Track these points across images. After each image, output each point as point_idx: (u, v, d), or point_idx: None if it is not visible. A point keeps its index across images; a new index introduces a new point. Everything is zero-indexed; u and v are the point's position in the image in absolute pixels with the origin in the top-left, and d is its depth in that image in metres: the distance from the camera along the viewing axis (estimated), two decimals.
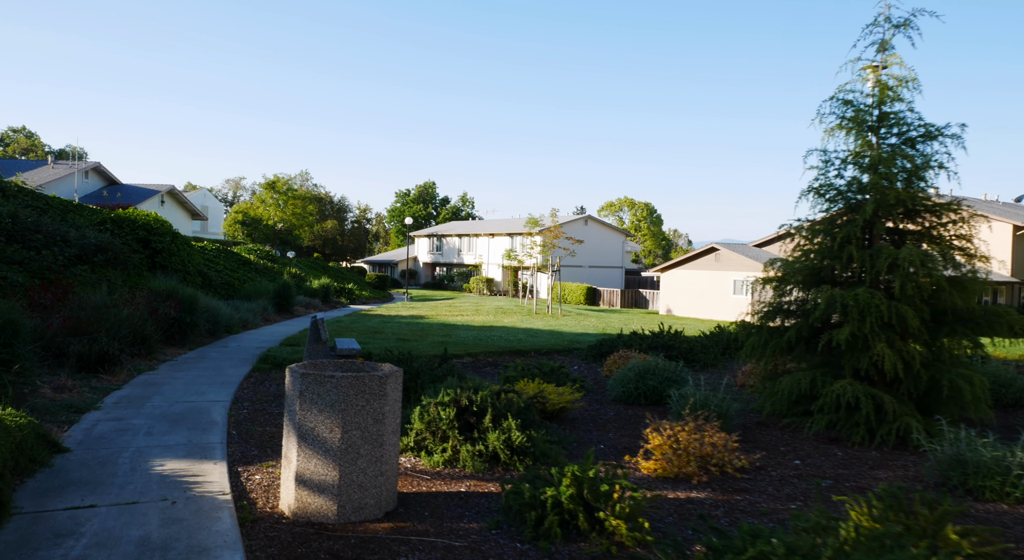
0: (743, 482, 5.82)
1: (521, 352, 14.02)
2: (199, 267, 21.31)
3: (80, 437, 6.54)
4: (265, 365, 11.24)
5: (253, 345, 13.91)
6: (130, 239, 18.33)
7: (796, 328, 8.01)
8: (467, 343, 15.08)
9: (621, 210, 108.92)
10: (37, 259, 14.13)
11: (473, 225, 68.20)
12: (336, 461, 4.72)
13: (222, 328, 15.35)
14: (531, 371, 9.86)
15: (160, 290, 13.17)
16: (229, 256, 27.14)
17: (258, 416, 7.84)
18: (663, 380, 9.09)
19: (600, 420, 8.23)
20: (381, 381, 4.86)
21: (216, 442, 6.61)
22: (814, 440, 7.29)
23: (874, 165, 7.71)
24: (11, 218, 15.10)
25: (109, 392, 8.61)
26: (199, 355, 12.22)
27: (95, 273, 15.50)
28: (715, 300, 38.95)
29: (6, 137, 76.79)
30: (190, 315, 13.19)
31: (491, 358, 13.17)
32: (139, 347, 11.10)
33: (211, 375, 10.26)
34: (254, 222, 57.09)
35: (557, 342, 15.81)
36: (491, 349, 14.03)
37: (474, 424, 6.42)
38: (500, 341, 15.82)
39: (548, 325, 21.66)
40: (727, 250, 39.38)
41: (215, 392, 9.01)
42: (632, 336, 13.49)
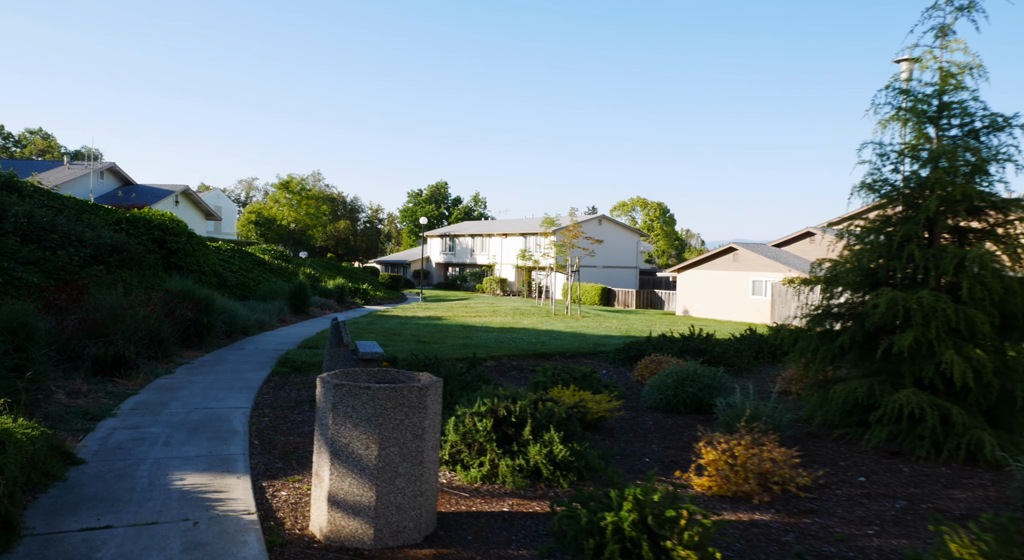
0: (808, 502, 5.36)
1: (545, 355, 13.59)
2: (214, 267, 21.03)
3: (96, 447, 6.18)
4: (284, 369, 10.88)
5: (270, 347, 13.56)
6: (145, 239, 18.07)
7: (849, 333, 7.53)
8: (489, 345, 14.67)
9: (634, 210, 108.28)
10: (52, 259, 13.86)
11: (486, 225, 67.83)
12: (372, 480, 4.31)
13: (239, 330, 15.02)
14: (562, 376, 9.43)
15: (176, 291, 12.85)
16: (244, 256, 26.88)
17: (280, 424, 7.45)
18: (703, 387, 8.63)
19: (640, 430, 7.79)
20: (421, 393, 4.45)
21: (238, 453, 6.23)
22: (874, 454, 6.81)
23: (935, 158, 7.22)
24: (27, 218, 14.85)
25: (125, 397, 8.26)
26: (216, 358, 11.88)
27: (110, 273, 15.22)
28: (733, 301, 38.38)
29: (23, 139, 77.19)
30: (207, 316, 12.85)
31: (515, 361, 12.75)
32: (155, 350, 10.77)
33: (229, 379, 9.90)
34: (268, 222, 56.96)
35: (581, 345, 15.37)
36: (514, 352, 13.61)
37: (512, 436, 6.00)
38: (522, 343, 15.39)
39: (569, 327, 21.21)
40: (745, 250, 38.80)
41: (234, 398, 8.64)
42: (661, 339, 13.02)
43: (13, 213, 14.53)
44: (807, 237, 40.40)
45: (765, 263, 37.22)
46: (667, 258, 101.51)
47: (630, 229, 61.51)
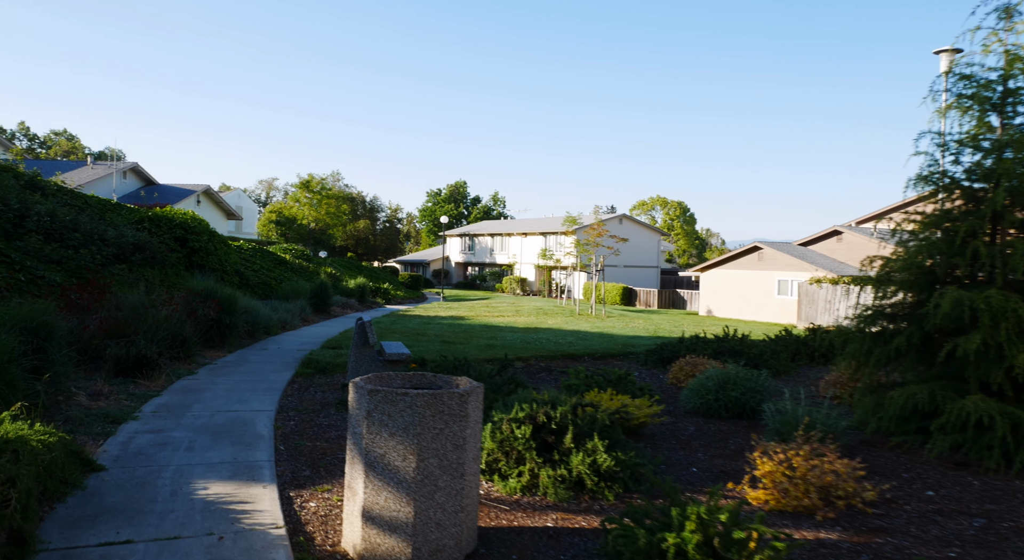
0: (876, 519, 4.95)
1: (573, 356, 13.22)
2: (236, 266, 20.90)
3: (116, 452, 5.91)
4: (308, 370, 10.61)
5: (293, 347, 13.32)
6: (167, 238, 17.94)
7: (906, 334, 7.09)
8: (515, 346, 14.32)
9: (654, 209, 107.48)
10: (75, 258, 13.73)
11: (506, 224, 67.51)
12: (410, 495, 3.98)
13: (261, 329, 14.81)
14: (595, 379, 9.05)
15: (199, 290, 12.64)
16: (265, 255, 26.76)
17: (306, 428, 7.15)
18: (746, 391, 8.21)
19: (681, 436, 7.39)
20: (462, 399, 4.11)
21: (263, 460, 5.93)
22: (937, 464, 6.37)
23: (1000, 148, 6.76)
24: (49, 217, 14.74)
25: (147, 399, 8.01)
26: (239, 358, 11.64)
27: (133, 272, 15.07)
28: (758, 300, 37.74)
29: (48, 140, 78.13)
30: (229, 316, 12.63)
31: (543, 363, 12.40)
32: (178, 350, 10.55)
33: (253, 381, 9.64)
34: (288, 222, 57.07)
35: (609, 346, 14.97)
36: (541, 353, 13.25)
37: (553, 444, 5.65)
38: (549, 344, 15.03)
39: (595, 327, 20.80)
40: (771, 249, 38.14)
41: (258, 400, 8.36)
42: (695, 340, 12.59)
43: (36, 212, 14.42)
44: (834, 236, 39.66)
45: (791, 262, 36.56)
46: (688, 257, 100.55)
47: (651, 228, 60.89)
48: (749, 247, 39.01)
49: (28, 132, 76.18)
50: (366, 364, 9.57)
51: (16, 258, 12.19)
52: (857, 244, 38.53)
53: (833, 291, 32.31)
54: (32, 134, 76.69)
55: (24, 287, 11.51)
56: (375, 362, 9.62)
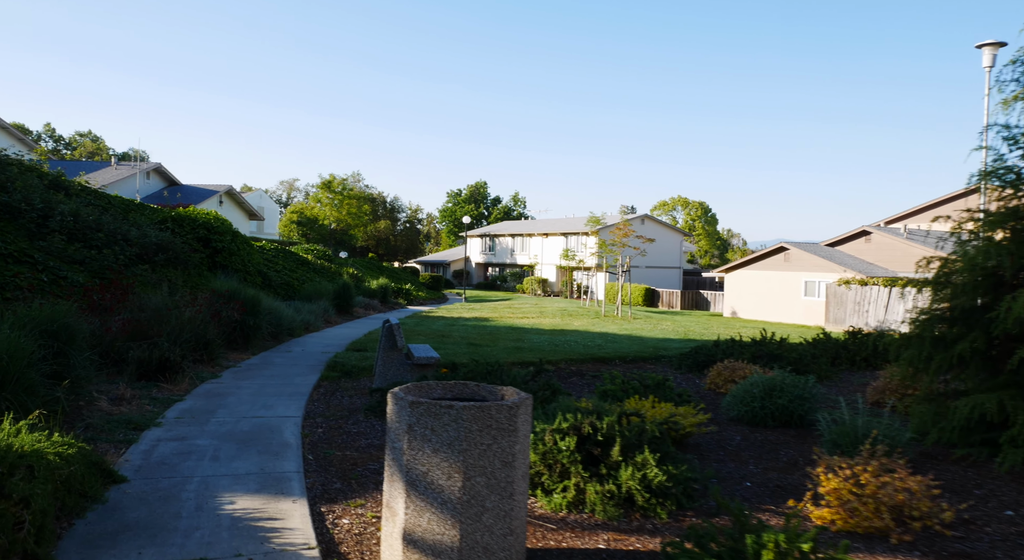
0: (956, 543, 4.53)
1: (604, 360, 12.83)
2: (259, 267, 20.75)
3: (138, 462, 5.64)
4: (334, 373, 10.33)
5: (318, 350, 13.07)
6: (190, 238, 17.81)
7: (970, 340, 6.64)
8: (543, 349, 13.96)
9: (675, 209, 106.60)
10: (98, 258, 13.59)
11: (526, 225, 67.16)
12: (456, 516, 3.64)
13: (284, 331, 14.59)
14: (632, 385, 8.67)
15: (222, 291, 12.42)
16: (288, 256, 26.64)
17: (334, 436, 6.85)
18: (794, 398, 7.79)
19: (728, 446, 7.00)
20: (511, 412, 3.77)
21: (292, 471, 5.63)
22: (1010, 480, 5.92)
23: None
24: (73, 217, 14.64)
25: (170, 404, 7.77)
26: (263, 361, 11.40)
27: (156, 273, 14.93)
28: (784, 302, 37.07)
29: (73, 141, 79.07)
30: (253, 318, 12.41)
31: (574, 367, 12.03)
32: (201, 352, 10.33)
33: (278, 384, 9.38)
34: (310, 222, 57.15)
35: (640, 349, 14.56)
36: (571, 356, 12.88)
37: (599, 457, 5.28)
38: (578, 347, 14.66)
39: (622, 329, 20.37)
40: (797, 249, 37.45)
41: (284, 405, 8.09)
42: (730, 343, 12.16)
43: (59, 211, 14.31)
44: (862, 236, 38.86)
45: (818, 263, 35.85)
46: (709, 258, 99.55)
47: (673, 229, 60.22)
48: (775, 248, 38.35)
49: (53, 133, 77.14)
50: (394, 368, 9.28)
51: (39, 258, 12.06)
52: (886, 244, 37.73)
53: (862, 292, 31.59)
54: (57, 135, 77.65)
55: (47, 287, 11.36)
56: (403, 366, 9.32)
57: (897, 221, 43.35)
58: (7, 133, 34.94)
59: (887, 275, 34.66)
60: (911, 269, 35.11)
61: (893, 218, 43.57)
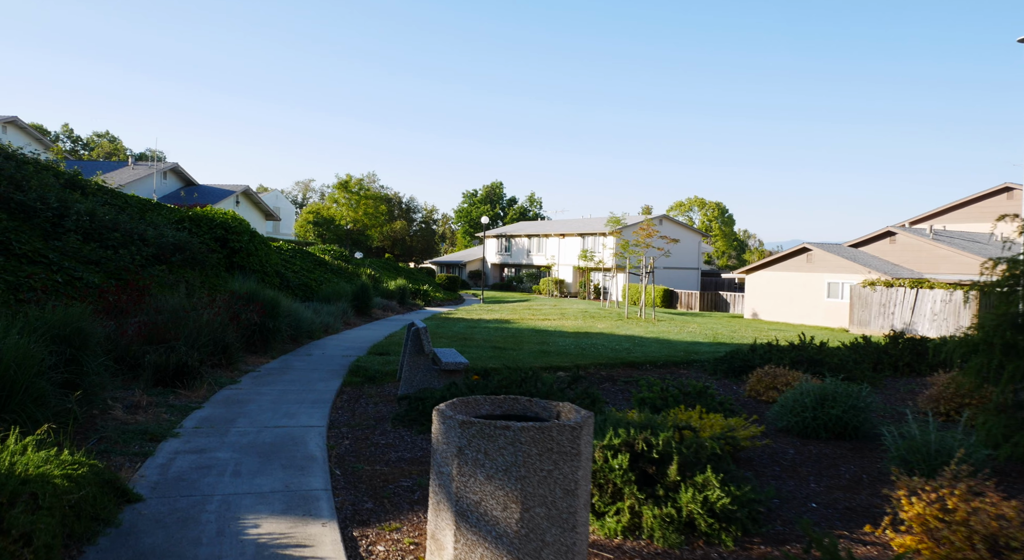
0: None
1: (634, 364, 12.35)
2: (276, 268, 20.44)
3: (155, 478, 5.25)
4: (356, 378, 9.93)
5: (338, 353, 12.69)
6: (208, 238, 17.52)
7: None
8: (570, 353, 13.51)
9: (691, 210, 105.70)
10: (114, 259, 13.30)
11: (543, 225, 66.68)
12: (513, 552, 3.20)
13: (303, 333, 14.23)
14: (671, 393, 8.21)
15: (241, 293, 12.07)
16: (305, 256, 26.35)
17: (362, 448, 6.44)
18: (848, 408, 7.29)
19: (783, 461, 6.51)
20: (574, 434, 3.32)
21: (319, 488, 5.22)
22: None
23: None
24: (89, 216, 14.37)
25: (188, 412, 7.39)
26: (283, 365, 11.03)
27: (173, 274, 14.63)
28: (806, 303, 36.37)
29: (91, 142, 79.54)
30: (273, 320, 12.04)
31: (604, 372, 11.56)
32: (219, 357, 9.97)
33: (299, 390, 8.99)
34: (327, 222, 56.97)
35: (670, 353, 14.06)
36: (600, 360, 12.41)
37: (654, 476, 4.83)
38: (605, 350, 14.18)
39: (648, 331, 19.85)
40: (820, 250, 36.74)
41: (307, 413, 7.69)
42: (767, 348, 11.64)
43: (75, 211, 14.05)
44: (887, 237, 38.06)
45: (841, 264, 35.14)
46: (727, 259, 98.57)
47: (692, 229, 59.53)
48: (797, 248, 37.67)
49: (71, 134, 77.62)
50: (420, 374, 8.86)
51: (54, 259, 11.77)
52: (911, 245, 36.95)
53: (888, 294, 30.90)
54: (75, 136, 78.12)
55: (61, 289, 11.06)
56: (430, 372, 8.91)
57: (922, 221, 42.51)
58: (25, 133, 34.98)
59: (913, 276, 33.91)
60: (938, 270, 34.34)
61: (919, 218, 42.72)
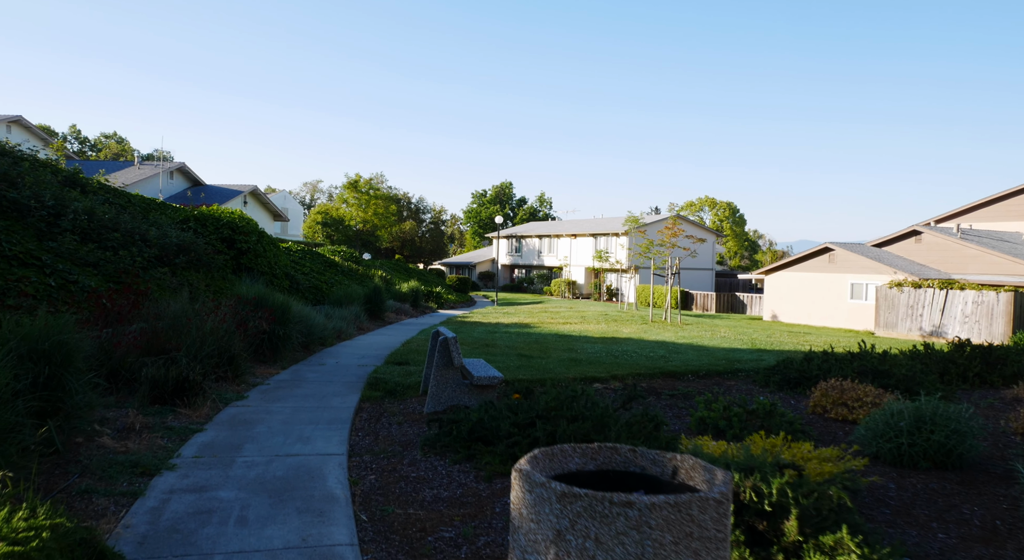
0: None
1: (674, 374, 11.34)
2: (286, 269, 19.51)
3: (143, 528, 4.29)
4: (376, 392, 8.96)
5: (353, 362, 11.72)
6: (214, 238, 16.61)
7: None
8: (602, 361, 12.50)
9: (701, 210, 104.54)
10: (113, 260, 12.39)
11: (554, 225, 65.65)
12: None
13: (315, 340, 13.27)
14: (734, 412, 7.22)
15: (249, 297, 11.12)
16: (315, 257, 25.42)
17: (390, 483, 5.46)
18: (951, 433, 6.28)
19: (888, 500, 5.49)
20: (719, 511, 2.34)
21: (344, 542, 4.24)
22: None
23: None
24: (87, 215, 13.48)
25: (188, 436, 6.44)
26: (294, 376, 10.07)
27: (176, 276, 13.71)
28: (828, 305, 35.28)
29: (98, 143, 79.01)
30: (283, 327, 11.09)
31: (644, 383, 10.55)
32: (225, 368, 9.02)
33: (313, 408, 8.03)
34: (336, 223, 56.06)
35: (711, 361, 13.02)
36: (637, 370, 11.40)
37: (764, 533, 3.84)
38: (639, 358, 13.16)
39: (678, 336, 18.76)
40: (843, 250, 35.63)
41: (324, 437, 6.72)
42: (824, 357, 10.60)
43: (73, 210, 13.15)
44: (912, 236, 36.91)
45: (865, 264, 34.03)
46: (739, 260, 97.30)
47: (706, 229, 58.37)
48: (819, 248, 36.58)
49: (79, 135, 77.11)
50: (449, 389, 7.89)
51: (47, 261, 10.86)
52: (938, 245, 35.81)
53: (916, 295, 29.82)
54: (83, 137, 77.60)
55: (54, 294, 10.16)
56: (459, 386, 7.93)
57: (946, 220, 41.27)
58: (29, 132, 34.24)
59: (940, 277, 32.79)
60: (966, 271, 33.20)
61: (944, 216, 41.48)
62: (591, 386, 10.01)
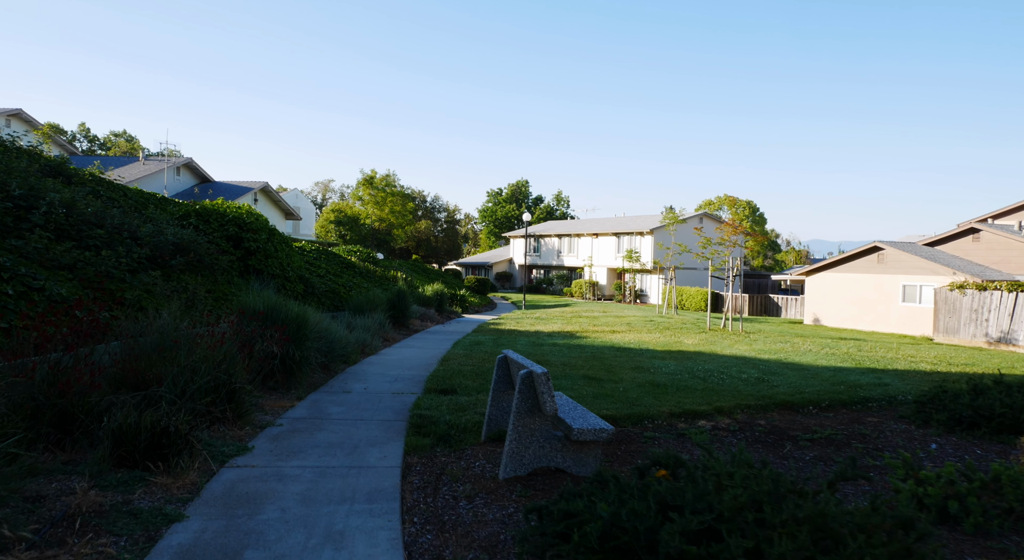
0: None
1: (791, 406, 8.97)
2: (300, 272, 17.27)
3: None
4: (424, 439, 6.66)
5: (385, 387, 9.45)
6: (218, 236, 14.42)
7: None
8: (689, 386, 10.16)
9: (721, 209, 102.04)
10: (94, 262, 10.20)
11: (574, 224, 63.29)
12: None
13: (337, 358, 11.02)
14: (962, 487, 4.90)
15: (257, 309, 8.86)
16: (331, 258, 23.20)
17: None
18: None
19: None
20: None
21: None
22: None
23: None
24: (66, 208, 11.30)
25: (158, 533, 4.18)
26: (314, 411, 7.80)
27: (170, 281, 11.51)
28: (877, 308, 32.83)
29: (108, 141, 77.39)
30: (299, 347, 8.82)
31: (760, 419, 8.19)
32: (223, 406, 6.77)
33: (344, 468, 5.75)
34: (351, 221, 53.85)
35: (821, 386, 10.58)
36: (742, 400, 9.05)
37: None
38: (733, 381, 10.78)
39: (758, 350, 16.09)
40: (893, 249, 33.12)
41: (364, 532, 4.42)
42: (997, 382, 8.22)
43: (47, 201, 10.98)
44: (969, 234, 34.38)
45: (918, 264, 31.51)
46: (761, 259, 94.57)
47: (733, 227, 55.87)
48: (867, 247, 34.13)
49: (88, 133, 75.48)
50: (535, 445, 5.59)
51: (6, 263, 8.66)
52: (999, 243, 33.25)
53: (981, 299, 27.34)
54: (92, 135, 75.98)
55: (11, 304, 7.96)
56: (549, 439, 5.63)
57: (1006, 214, 38.72)
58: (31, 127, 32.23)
59: (1005, 278, 30.29)
60: None
61: (1001, 211, 38.89)
62: (696, 424, 7.71)
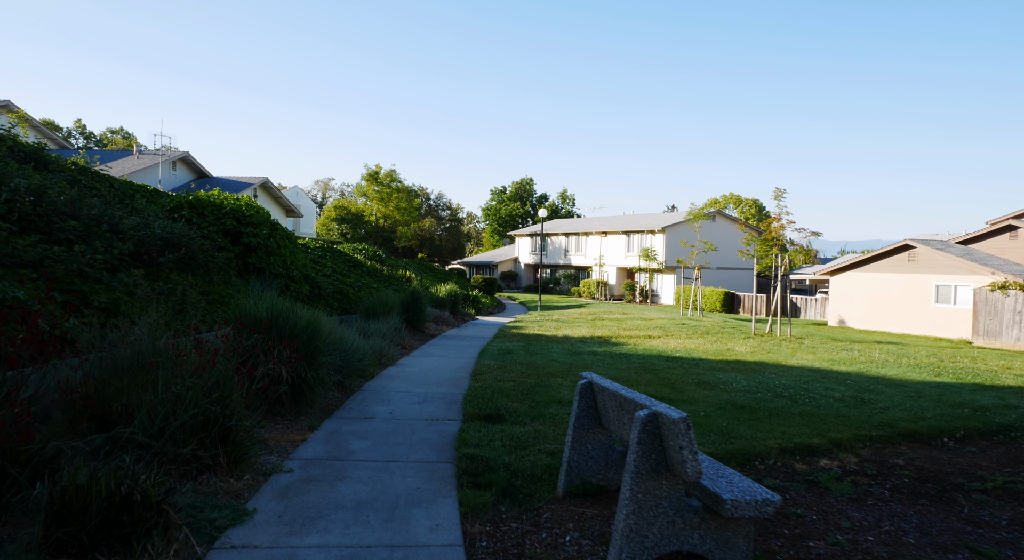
0: None
1: (918, 436, 7.26)
2: (305, 271, 15.55)
3: None
4: (485, 494, 4.95)
5: (415, 412, 7.74)
6: (213, 231, 12.72)
7: None
8: (781, 409, 8.44)
9: (726, 208, 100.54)
10: (64, 259, 8.51)
11: (582, 223, 61.56)
12: None
13: (354, 371, 9.31)
14: None
15: (260, 318, 7.12)
16: (337, 256, 21.46)
17: None
18: None
19: None
20: None
21: None
22: None
23: None
24: (34, 196, 9.62)
25: None
26: (331, 449, 6.09)
27: (157, 281, 9.81)
28: (908, 309, 31.15)
29: (104, 138, 75.71)
30: (312, 365, 7.10)
31: (898, 458, 6.49)
32: (215, 448, 5.06)
33: (382, 548, 4.03)
34: (354, 218, 52.05)
35: (940, 409, 8.78)
36: (859, 430, 7.35)
37: None
38: (830, 403, 9.03)
39: (825, 360, 13.94)
40: (925, 248, 31.43)
41: None
42: None
43: (11, 187, 9.29)
44: (1007, 232, 32.72)
45: (952, 263, 29.84)
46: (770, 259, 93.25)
47: (747, 225, 54.21)
48: (897, 245, 32.44)
49: (84, 129, 73.77)
50: (663, 518, 3.88)
51: None
52: None
53: None
54: (88, 132, 74.27)
55: None
56: (681, 513, 3.92)
57: None
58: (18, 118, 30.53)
59: None
60: None
61: None
62: (818, 464, 6.03)
